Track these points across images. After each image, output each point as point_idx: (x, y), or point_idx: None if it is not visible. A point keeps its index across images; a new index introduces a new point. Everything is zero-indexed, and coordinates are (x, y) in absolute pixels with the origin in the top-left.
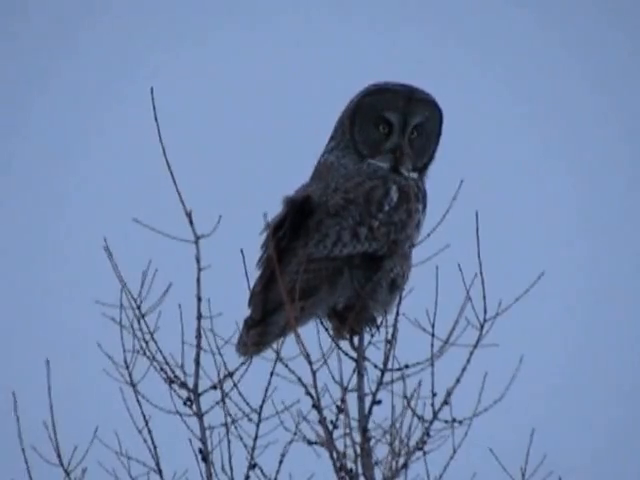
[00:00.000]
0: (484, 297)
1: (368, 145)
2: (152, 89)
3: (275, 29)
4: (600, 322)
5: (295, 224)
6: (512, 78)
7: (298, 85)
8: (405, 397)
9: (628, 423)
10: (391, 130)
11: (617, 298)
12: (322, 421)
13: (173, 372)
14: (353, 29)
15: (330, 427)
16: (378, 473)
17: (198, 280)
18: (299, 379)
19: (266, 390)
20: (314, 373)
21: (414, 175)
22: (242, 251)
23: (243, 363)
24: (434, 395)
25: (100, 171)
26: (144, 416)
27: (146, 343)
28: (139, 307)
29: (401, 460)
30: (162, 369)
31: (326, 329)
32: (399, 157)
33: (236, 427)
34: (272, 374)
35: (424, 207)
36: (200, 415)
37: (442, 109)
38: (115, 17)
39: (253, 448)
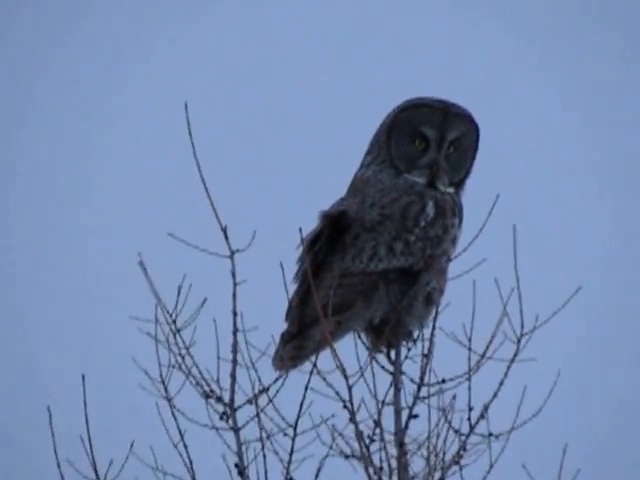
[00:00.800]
0: (521, 311)
1: (405, 160)
2: (186, 104)
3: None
4: (636, 336)
5: (331, 239)
6: (547, 90)
7: (339, 101)
8: (442, 411)
9: None
10: (428, 145)
11: None
12: (358, 435)
13: (209, 386)
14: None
15: (366, 441)
16: None
17: (234, 295)
18: (336, 393)
19: (301, 404)
20: (350, 387)
21: (450, 190)
22: (282, 264)
23: (278, 378)
24: (471, 409)
25: (135, 186)
26: (180, 430)
27: (182, 358)
28: (174, 322)
29: (437, 474)
30: (198, 384)
31: (363, 343)
32: (435, 172)
33: (272, 442)
34: (307, 388)
35: (460, 221)
36: (236, 430)
37: (479, 124)
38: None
39: (289, 462)
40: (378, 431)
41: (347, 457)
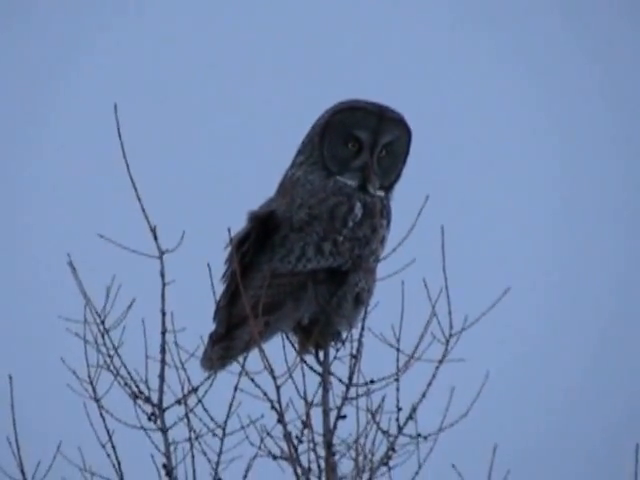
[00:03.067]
0: (450, 312)
1: (337, 162)
2: (115, 106)
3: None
4: (566, 337)
5: (259, 239)
6: (479, 90)
7: (268, 93)
8: (370, 412)
9: (595, 438)
10: (361, 148)
11: (584, 312)
12: (287, 436)
13: (137, 387)
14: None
15: (295, 442)
16: None
17: (162, 295)
18: (264, 393)
19: (230, 405)
20: (278, 388)
21: (381, 193)
22: (209, 265)
23: (207, 378)
24: (399, 410)
25: (63, 186)
26: (108, 431)
27: (110, 358)
28: (103, 322)
29: (365, 475)
30: (126, 384)
31: (291, 344)
32: (367, 175)
33: (200, 442)
34: (236, 389)
35: (388, 223)
36: (164, 430)
37: (411, 129)
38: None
39: (217, 463)
40: (306, 432)
41: (275, 458)
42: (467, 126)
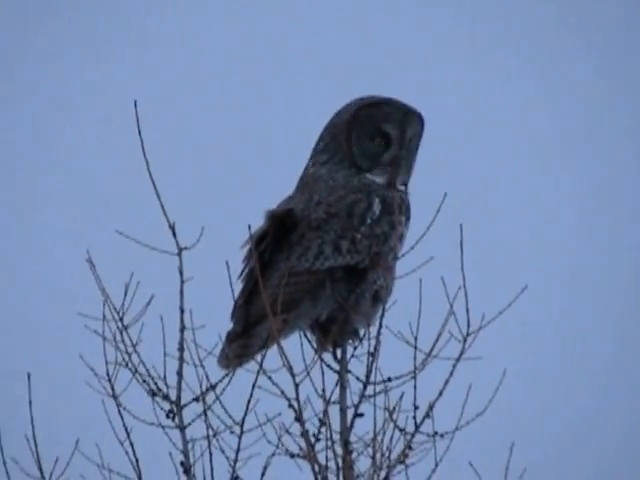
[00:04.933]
0: (467, 310)
1: (367, 158)
2: (135, 102)
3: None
4: (583, 335)
5: (277, 237)
6: (498, 89)
7: (287, 93)
8: (387, 410)
9: (614, 436)
10: (389, 143)
11: (601, 311)
12: (304, 434)
13: (155, 384)
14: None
15: (312, 440)
16: None
17: (181, 292)
18: (282, 392)
19: (248, 403)
20: (297, 386)
21: (402, 188)
22: (227, 263)
23: (225, 376)
24: (416, 408)
25: (83, 182)
26: (126, 428)
27: (128, 355)
28: (121, 319)
29: (383, 473)
30: (144, 381)
31: (309, 342)
32: (396, 170)
33: (218, 440)
34: (254, 386)
35: (407, 220)
36: (182, 428)
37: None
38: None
39: (235, 461)
40: (324, 430)
41: (293, 456)
42: (486, 124)
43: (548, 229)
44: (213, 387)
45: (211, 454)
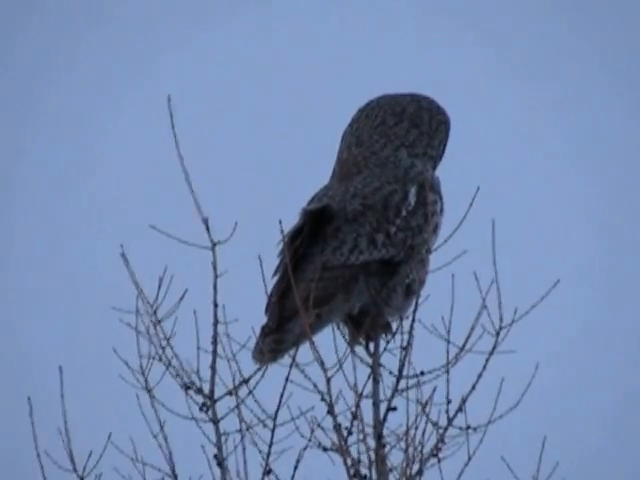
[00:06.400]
0: (500, 304)
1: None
2: (169, 97)
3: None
4: (615, 329)
5: (312, 232)
6: (528, 84)
7: (320, 90)
8: (420, 404)
9: None
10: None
11: (633, 305)
12: (337, 427)
13: (189, 378)
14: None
15: (345, 433)
16: None
17: (215, 286)
18: (314, 385)
19: (281, 396)
20: (328, 380)
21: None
22: (260, 257)
23: (259, 369)
24: (449, 402)
25: (116, 177)
26: (159, 421)
27: (162, 349)
28: (155, 313)
29: (415, 467)
30: (178, 375)
31: (342, 335)
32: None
33: (251, 433)
34: (287, 380)
35: (441, 199)
36: (216, 421)
37: None
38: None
39: (268, 454)
40: (356, 423)
41: (325, 449)
42: (518, 119)
43: (581, 222)
44: (246, 381)
45: (244, 447)
